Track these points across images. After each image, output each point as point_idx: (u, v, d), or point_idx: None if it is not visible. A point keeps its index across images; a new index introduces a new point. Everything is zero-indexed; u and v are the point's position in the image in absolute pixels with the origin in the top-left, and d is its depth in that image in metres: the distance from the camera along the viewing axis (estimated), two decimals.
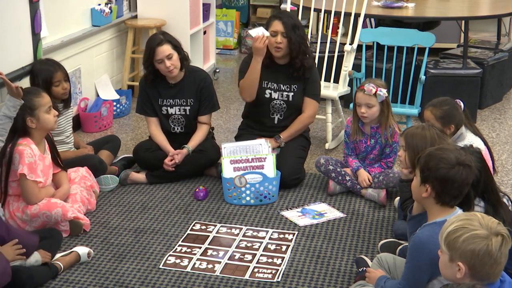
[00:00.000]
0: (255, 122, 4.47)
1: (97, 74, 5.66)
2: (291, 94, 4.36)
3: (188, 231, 3.69)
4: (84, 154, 4.26)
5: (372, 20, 7.07)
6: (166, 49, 4.22)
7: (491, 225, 2.15)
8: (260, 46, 4.19)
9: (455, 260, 2.16)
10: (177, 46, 4.28)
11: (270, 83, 4.37)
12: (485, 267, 2.13)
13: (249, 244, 3.56)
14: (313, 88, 4.40)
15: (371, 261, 3.21)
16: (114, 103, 5.57)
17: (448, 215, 2.65)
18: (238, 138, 4.48)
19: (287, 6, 5.27)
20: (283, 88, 4.37)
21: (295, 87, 4.36)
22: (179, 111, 4.39)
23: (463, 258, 2.14)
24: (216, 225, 3.77)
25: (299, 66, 4.30)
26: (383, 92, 4.02)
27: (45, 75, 4.11)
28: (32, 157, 3.51)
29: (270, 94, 4.39)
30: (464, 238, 2.14)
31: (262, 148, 4.12)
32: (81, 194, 3.80)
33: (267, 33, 4.22)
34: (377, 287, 2.90)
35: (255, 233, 3.68)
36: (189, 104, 4.38)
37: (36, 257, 3.13)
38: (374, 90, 4.01)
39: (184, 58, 4.32)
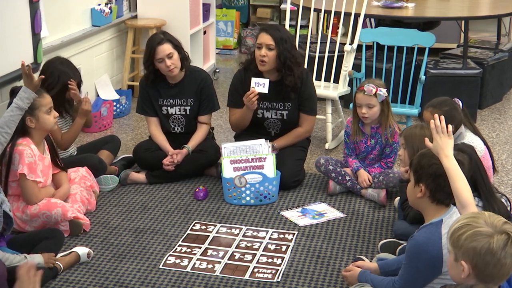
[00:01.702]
0: (251, 136, 4.32)
1: (97, 74, 5.67)
2: (285, 112, 4.29)
3: (188, 231, 3.69)
4: (79, 124, 4.20)
5: (372, 20, 7.07)
6: (166, 48, 4.22)
7: (496, 223, 2.07)
8: (248, 102, 4.12)
9: (458, 259, 2.09)
10: (177, 46, 4.28)
11: (261, 102, 4.27)
12: (488, 266, 2.04)
13: (249, 244, 3.56)
14: (309, 104, 4.31)
15: (370, 261, 3.21)
16: (114, 103, 5.57)
17: (443, 213, 2.65)
18: (237, 138, 4.46)
19: (287, 6, 5.27)
20: (277, 107, 4.28)
21: (289, 105, 4.27)
22: (179, 111, 4.39)
23: (466, 256, 2.06)
24: (216, 225, 3.77)
25: (283, 83, 4.18)
26: (383, 92, 4.02)
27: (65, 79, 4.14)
28: (32, 157, 3.51)
29: (263, 113, 4.32)
30: (467, 235, 2.06)
31: (262, 148, 4.12)
32: (81, 194, 3.80)
33: (265, 90, 4.08)
34: (363, 281, 2.90)
35: (255, 233, 3.68)
36: (189, 104, 4.38)
37: (39, 260, 3.12)
38: (374, 90, 4.01)
39: (184, 58, 4.32)
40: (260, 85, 4.09)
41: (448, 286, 1.98)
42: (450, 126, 2.72)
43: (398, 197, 3.78)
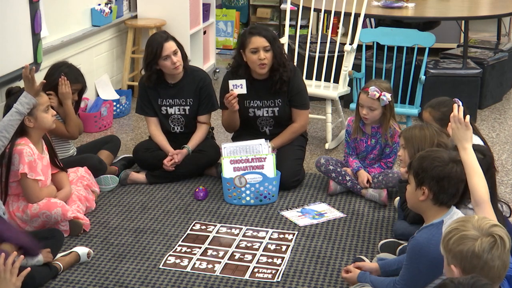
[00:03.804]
0: (248, 136, 4.32)
1: (97, 74, 5.67)
2: (276, 109, 4.29)
3: (188, 231, 3.69)
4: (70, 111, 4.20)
5: (372, 20, 7.07)
6: (172, 44, 4.23)
7: (483, 226, 2.06)
8: (228, 104, 4.13)
9: (450, 263, 2.09)
10: (179, 44, 4.30)
11: (252, 101, 4.28)
12: (475, 270, 2.02)
13: (249, 244, 3.56)
14: (300, 99, 4.30)
15: (370, 261, 3.21)
16: (114, 103, 5.57)
17: (444, 214, 2.65)
18: (234, 139, 4.46)
19: (287, 6, 5.27)
20: (268, 104, 4.28)
21: (279, 101, 4.27)
22: (179, 111, 4.39)
23: (454, 260, 2.06)
24: (216, 225, 3.77)
25: (277, 80, 4.18)
26: (386, 97, 4.00)
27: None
28: (31, 156, 3.50)
29: (254, 112, 4.31)
30: (454, 239, 2.07)
31: (262, 148, 4.12)
32: (78, 193, 3.80)
33: (243, 90, 4.09)
34: (364, 282, 2.90)
35: (255, 233, 3.68)
36: (188, 104, 4.38)
37: (38, 257, 3.13)
38: (377, 95, 3.99)
39: (184, 58, 4.32)
40: (237, 86, 4.10)
41: (448, 279, 1.94)
42: (468, 117, 2.70)
43: (398, 197, 3.79)
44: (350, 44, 5.01)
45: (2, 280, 2.61)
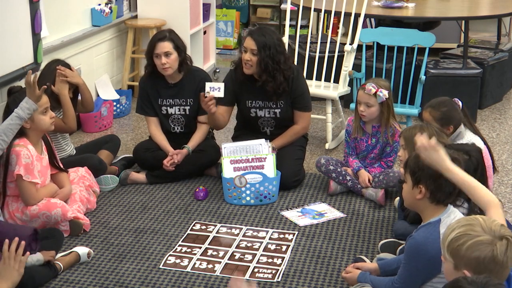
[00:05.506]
0: (248, 136, 4.33)
1: (97, 74, 5.67)
2: (278, 110, 4.28)
3: (188, 231, 3.69)
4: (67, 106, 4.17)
5: (372, 20, 7.07)
6: (166, 45, 4.23)
7: (494, 229, 2.05)
8: (205, 107, 4.04)
9: (460, 268, 2.06)
10: (179, 47, 4.28)
11: (254, 101, 4.29)
12: (492, 273, 2.01)
13: (249, 244, 3.56)
14: (302, 101, 4.29)
15: (371, 261, 3.21)
16: (114, 103, 5.57)
17: (441, 213, 2.65)
18: (235, 139, 4.46)
19: (287, 6, 5.27)
20: (270, 105, 4.27)
21: (281, 103, 4.26)
22: (179, 111, 4.40)
23: (468, 266, 2.04)
24: (216, 225, 3.77)
25: (265, 86, 4.16)
26: (383, 93, 4.01)
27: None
28: (29, 158, 3.50)
29: (256, 112, 4.31)
30: (468, 245, 2.04)
31: (262, 148, 4.12)
32: (80, 194, 3.80)
33: (220, 94, 4.00)
34: (364, 282, 2.91)
35: (255, 233, 3.68)
36: (188, 104, 4.38)
37: (38, 257, 3.13)
38: (374, 91, 4.01)
39: (184, 61, 4.31)
40: (215, 89, 4.01)
41: (463, 277, 1.93)
42: (433, 138, 2.58)
43: (398, 197, 3.78)
44: (350, 44, 5.01)
45: (7, 266, 2.68)
